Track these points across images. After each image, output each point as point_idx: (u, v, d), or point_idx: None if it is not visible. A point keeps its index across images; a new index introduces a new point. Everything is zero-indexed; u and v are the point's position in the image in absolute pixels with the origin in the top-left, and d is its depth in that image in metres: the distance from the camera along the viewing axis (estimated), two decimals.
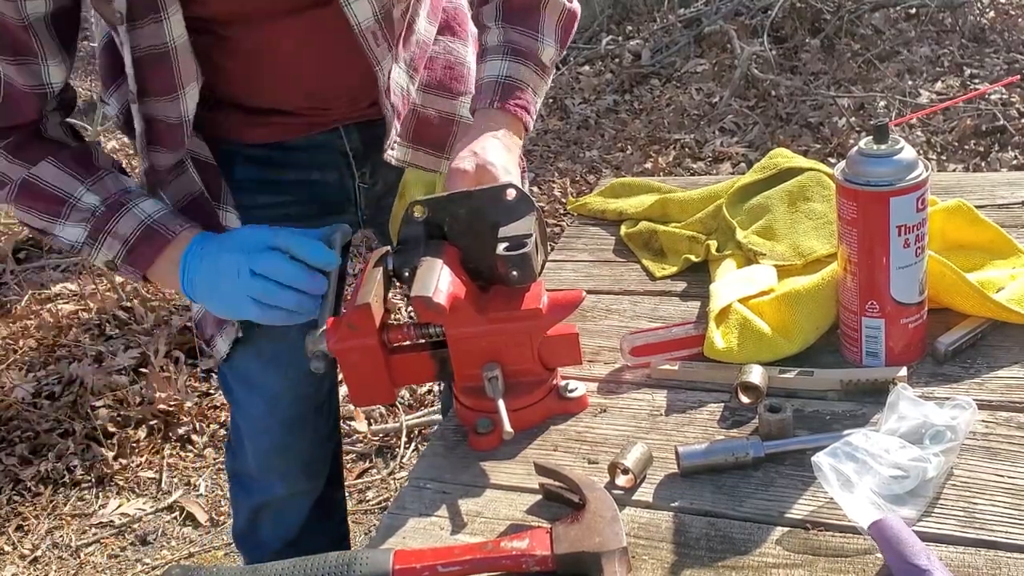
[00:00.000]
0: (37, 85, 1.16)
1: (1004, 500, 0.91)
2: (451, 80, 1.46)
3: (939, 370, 1.10)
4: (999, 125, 3.71)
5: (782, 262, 1.29)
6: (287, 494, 1.54)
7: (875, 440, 0.93)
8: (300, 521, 1.57)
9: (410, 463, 2.57)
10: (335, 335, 1.08)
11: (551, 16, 1.33)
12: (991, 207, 1.40)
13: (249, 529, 1.60)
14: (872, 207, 1.03)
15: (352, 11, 1.19)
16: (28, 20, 1.10)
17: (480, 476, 1.06)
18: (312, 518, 1.58)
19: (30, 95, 1.16)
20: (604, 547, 0.87)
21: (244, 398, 1.49)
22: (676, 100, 4.43)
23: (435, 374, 1.13)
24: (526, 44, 1.30)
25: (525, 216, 1.10)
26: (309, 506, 1.57)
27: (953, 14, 4.69)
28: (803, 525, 0.92)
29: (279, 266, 1.11)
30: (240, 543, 1.65)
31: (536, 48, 1.31)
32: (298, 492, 1.56)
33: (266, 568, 0.90)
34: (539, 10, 1.32)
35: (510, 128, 1.25)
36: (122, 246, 1.18)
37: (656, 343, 1.18)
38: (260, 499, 1.57)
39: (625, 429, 1.09)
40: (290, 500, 1.56)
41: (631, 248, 1.49)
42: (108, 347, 3.12)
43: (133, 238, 1.18)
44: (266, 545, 1.58)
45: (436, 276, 1.03)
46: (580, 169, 4.00)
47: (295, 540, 1.57)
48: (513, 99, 1.27)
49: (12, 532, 2.53)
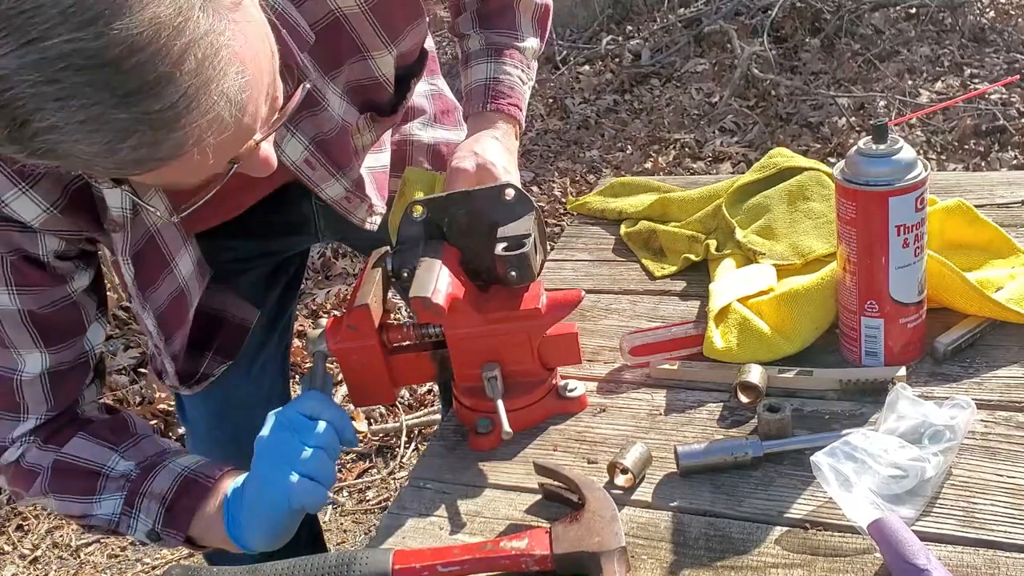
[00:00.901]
0: (82, 354, 1.11)
1: (1003, 500, 0.91)
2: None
3: (938, 370, 1.10)
4: (999, 125, 3.71)
5: (781, 261, 1.29)
6: None
7: (874, 440, 0.93)
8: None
9: (410, 463, 2.57)
10: (335, 336, 1.08)
11: (525, 13, 1.35)
12: (990, 207, 1.40)
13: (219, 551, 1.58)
14: (871, 207, 1.03)
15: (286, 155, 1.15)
16: (75, 296, 1.07)
17: (480, 476, 1.06)
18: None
19: (76, 367, 1.11)
20: (603, 547, 0.87)
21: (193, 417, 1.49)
22: (676, 100, 4.43)
23: (435, 374, 1.13)
24: (507, 43, 1.32)
25: (524, 216, 1.10)
26: None
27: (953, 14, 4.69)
28: (802, 525, 0.92)
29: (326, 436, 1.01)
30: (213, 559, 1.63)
31: (517, 45, 1.33)
32: None
33: (266, 568, 0.90)
34: (513, 9, 1.34)
35: (506, 127, 1.26)
36: (160, 506, 1.07)
37: (656, 343, 1.18)
38: None
39: (624, 429, 1.09)
40: None
41: (631, 247, 1.49)
42: (108, 347, 3.12)
43: (171, 494, 1.06)
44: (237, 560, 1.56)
45: (435, 276, 1.03)
46: (580, 169, 4.00)
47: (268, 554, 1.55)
48: (505, 99, 1.28)
49: (12, 532, 2.53)
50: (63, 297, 1.06)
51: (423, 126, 1.48)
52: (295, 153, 1.16)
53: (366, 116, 1.22)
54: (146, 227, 1.09)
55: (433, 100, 1.51)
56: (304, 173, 1.18)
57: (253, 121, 0.83)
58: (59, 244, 1.03)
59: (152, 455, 1.11)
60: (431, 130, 1.48)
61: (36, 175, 0.97)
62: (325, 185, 1.22)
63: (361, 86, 1.19)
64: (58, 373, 1.09)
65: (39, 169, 0.96)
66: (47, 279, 1.04)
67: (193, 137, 0.76)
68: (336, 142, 1.19)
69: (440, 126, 1.50)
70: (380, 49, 1.16)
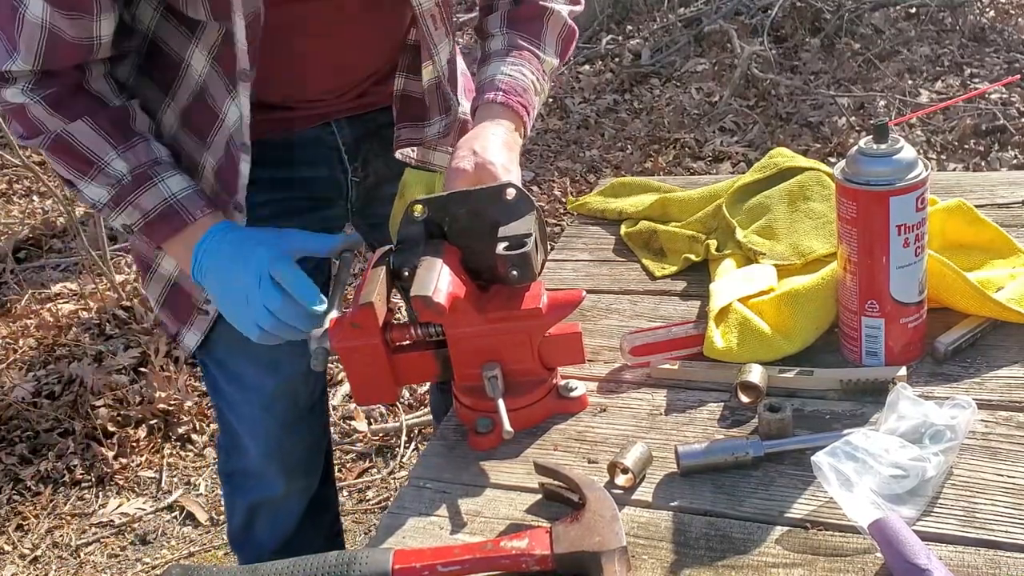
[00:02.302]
0: (86, 38, 1.15)
1: (1004, 499, 0.91)
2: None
3: (939, 369, 1.10)
4: (999, 125, 3.71)
5: (782, 261, 1.29)
6: (284, 492, 1.54)
7: (875, 440, 0.93)
8: (296, 519, 1.57)
9: (410, 463, 2.57)
10: (339, 334, 1.08)
11: (553, 28, 1.38)
12: (991, 206, 1.40)
13: (245, 530, 1.60)
14: (872, 207, 1.03)
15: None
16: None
17: (480, 476, 1.06)
18: (307, 515, 1.58)
19: (77, 47, 1.15)
20: (604, 547, 0.87)
21: (237, 399, 1.49)
22: (676, 99, 4.43)
23: (438, 373, 1.13)
24: (529, 49, 1.34)
25: (525, 215, 1.10)
26: (305, 503, 1.57)
27: (953, 14, 4.69)
28: (803, 524, 0.92)
29: (285, 308, 1.13)
30: (236, 545, 1.65)
31: (538, 54, 1.35)
32: (295, 490, 1.56)
33: (265, 568, 0.90)
34: (542, 21, 1.36)
35: (511, 125, 1.26)
36: (141, 217, 1.21)
37: (656, 343, 1.18)
38: (257, 498, 1.56)
39: (625, 429, 1.09)
40: (286, 498, 1.56)
41: (631, 248, 1.49)
42: (108, 346, 3.12)
43: (153, 214, 1.20)
44: (262, 545, 1.58)
45: (436, 275, 1.03)
46: (580, 168, 4.00)
47: (291, 538, 1.57)
48: (515, 95, 1.28)
49: (12, 532, 2.53)
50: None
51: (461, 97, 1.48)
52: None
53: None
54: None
55: (464, 77, 1.52)
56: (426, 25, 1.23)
57: None
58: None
59: (145, 162, 1.21)
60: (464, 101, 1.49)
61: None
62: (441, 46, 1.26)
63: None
64: (56, 36, 1.13)
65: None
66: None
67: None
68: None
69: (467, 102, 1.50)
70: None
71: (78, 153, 1.20)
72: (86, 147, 1.20)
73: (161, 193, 1.20)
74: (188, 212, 1.20)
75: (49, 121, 1.19)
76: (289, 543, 1.57)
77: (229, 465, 1.59)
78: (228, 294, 1.18)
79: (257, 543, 1.60)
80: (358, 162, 1.45)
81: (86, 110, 1.20)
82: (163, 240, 1.22)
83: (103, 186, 1.21)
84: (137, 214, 1.21)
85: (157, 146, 1.23)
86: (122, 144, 1.20)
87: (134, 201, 1.20)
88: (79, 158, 1.20)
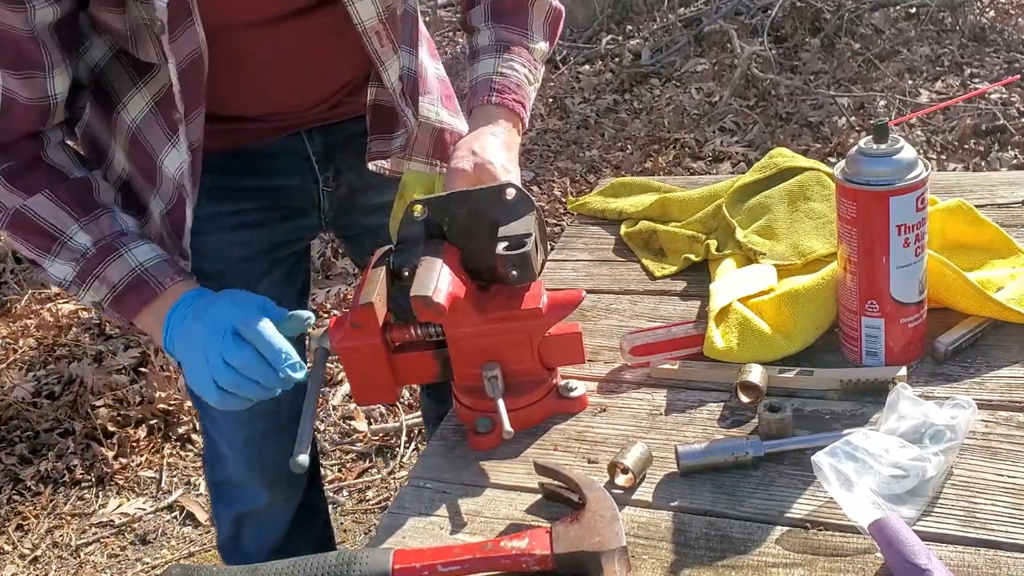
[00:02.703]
0: (41, 97, 1.12)
1: (1004, 500, 0.91)
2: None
3: (939, 370, 1.10)
4: (999, 125, 3.71)
5: (782, 261, 1.29)
6: (268, 502, 1.53)
7: (875, 440, 0.93)
8: (283, 527, 1.57)
9: (410, 463, 2.56)
10: (339, 334, 1.08)
11: (538, 14, 1.35)
12: (991, 206, 1.39)
13: (233, 540, 1.60)
14: (872, 207, 1.03)
15: (356, 10, 1.18)
16: (36, 30, 1.07)
17: (480, 476, 1.06)
18: (295, 523, 1.57)
19: (33, 107, 1.12)
20: (604, 547, 0.87)
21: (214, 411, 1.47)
22: (676, 99, 4.43)
23: (438, 373, 1.13)
24: (517, 40, 1.32)
25: (525, 215, 1.10)
26: (291, 513, 1.57)
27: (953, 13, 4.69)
28: (803, 524, 0.92)
29: (248, 362, 1.06)
30: (225, 554, 1.65)
31: (527, 44, 1.33)
32: (279, 499, 1.55)
33: (265, 568, 0.90)
34: (527, 9, 1.34)
35: (508, 124, 1.25)
36: (109, 291, 1.14)
37: (656, 343, 1.18)
38: (243, 508, 1.56)
39: (625, 429, 1.09)
40: (271, 508, 1.55)
41: (631, 248, 1.49)
42: (108, 346, 3.12)
43: (121, 286, 1.14)
44: (250, 554, 1.58)
45: (436, 275, 1.03)
46: (580, 168, 4.00)
47: (279, 548, 1.56)
48: (510, 94, 1.27)
49: (12, 531, 2.53)
50: (22, 29, 1.05)
51: (433, 106, 1.47)
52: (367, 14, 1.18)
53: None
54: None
55: (440, 83, 1.50)
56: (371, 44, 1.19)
57: None
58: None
59: (109, 234, 1.15)
60: (440, 111, 1.47)
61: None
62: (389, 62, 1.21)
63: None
64: (10, 101, 1.09)
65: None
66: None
67: None
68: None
69: (445, 110, 1.50)
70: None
71: (39, 228, 1.14)
72: (47, 221, 1.14)
73: (128, 263, 1.14)
74: (157, 281, 1.14)
75: (7, 198, 1.14)
76: (277, 552, 1.56)
77: (214, 475, 1.59)
78: (188, 354, 1.09)
79: (245, 552, 1.59)
80: (330, 172, 1.42)
81: (46, 183, 1.14)
82: (134, 314, 1.15)
83: (67, 262, 1.14)
84: (104, 288, 1.14)
85: (122, 217, 1.18)
86: (84, 217, 1.15)
87: (100, 275, 1.14)
88: (41, 233, 1.14)
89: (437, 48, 1.61)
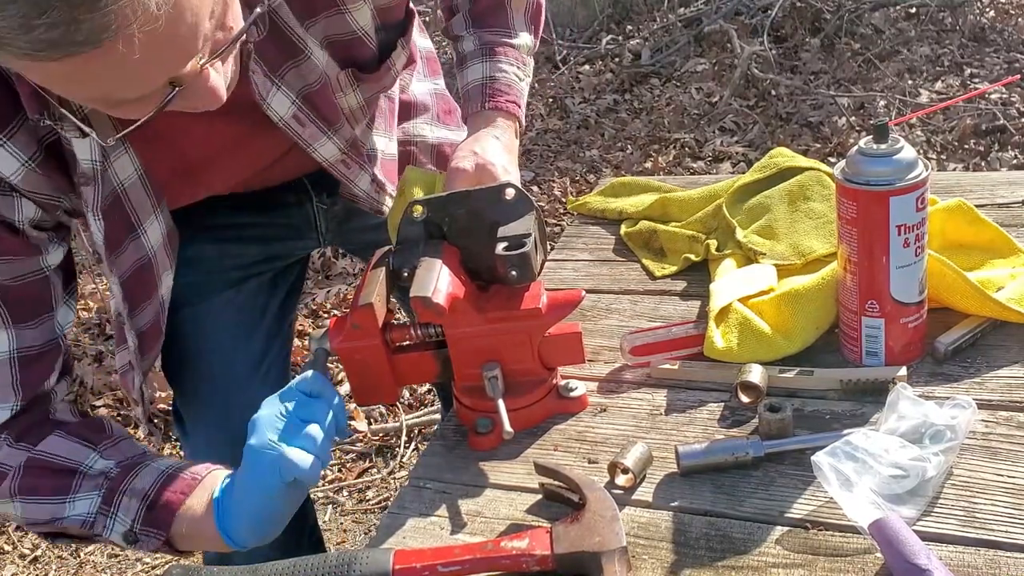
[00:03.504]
0: (51, 339, 1.09)
1: (1004, 500, 0.91)
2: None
3: (939, 369, 1.10)
4: (999, 125, 3.71)
5: (782, 261, 1.29)
6: None
7: (875, 440, 0.93)
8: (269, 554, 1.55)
9: (410, 463, 2.56)
10: (339, 334, 1.08)
11: (518, 11, 1.35)
12: (991, 206, 1.39)
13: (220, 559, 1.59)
14: (872, 207, 1.03)
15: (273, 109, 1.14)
16: (47, 272, 1.07)
17: (480, 476, 1.06)
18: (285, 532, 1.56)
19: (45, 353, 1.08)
20: (604, 547, 0.87)
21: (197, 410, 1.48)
22: (676, 99, 4.43)
23: (438, 373, 1.13)
24: (501, 41, 1.32)
25: (524, 216, 1.10)
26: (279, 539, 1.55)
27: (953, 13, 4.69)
28: (803, 524, 0.92)
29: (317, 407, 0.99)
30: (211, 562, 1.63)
31: (512, 43, 1.33)
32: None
33: (266, 568, 0.90)
34: (505, 7, 1.34)
35: (506, 125, 1.26)
36: (141, 503, 1.02)
37: (656, 343, 1.18)
38: None
39: (625, 429, 1.09)
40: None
41: (631, 247, 1.49)
42: (108, 347, 3.12)
43: (153, 491, 1.02)
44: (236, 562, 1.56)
45: (435, 276, 1.03)
46: (580, 168, 4.00)
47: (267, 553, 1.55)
48: (503, 96, 1.28)
49: (12, 532, 2.53)
50: (36, 270, 1.06)
51: (428, 124, 1.48)
52: (282, 108, 1.14)
53: (348, 72, 1.21)
54: (113, 186, 1.08)
55: (437, 99, 1.51)
56: (294, 130, 1.17)
57: (191, 33, 0.80)
58: (35, 212, 1.03)
59: (132, 456, 1.07)
60: (436, 129, 1.48)
61: (11, 128, 0.97)
62: (318, 144, 1.20)
63: (341, 42, 1.18)
64: (27, 358, 1.07)
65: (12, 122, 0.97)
66: (22, 248, 1.03)
67: (115, 23, 0.73)
68: (322, 94, 1.18)
69: (443, 126, 1.50)
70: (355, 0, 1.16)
71: (56, 467, 1.04)
72: (63, 457, 1.04)
73: (157, 469, 1.04)
74: (192, 474, 1.04)
75: (12, 456, 1.05)
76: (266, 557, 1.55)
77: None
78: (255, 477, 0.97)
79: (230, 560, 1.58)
80: (325, 193, 1.42)
81: (56, 428, 1.07)
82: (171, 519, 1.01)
83: (89, 492, 1.03)
84: (136, 503, 1.02)
85: (142, 444, 1.11)
86: (102, 445, 1.07)
87: (127, 488, 1.03)
88: (57, 472, 1.03)
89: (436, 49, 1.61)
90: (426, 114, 1.48)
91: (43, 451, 1.05)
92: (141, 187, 1.11)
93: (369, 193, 1.32)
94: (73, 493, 1.04)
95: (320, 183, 1.41)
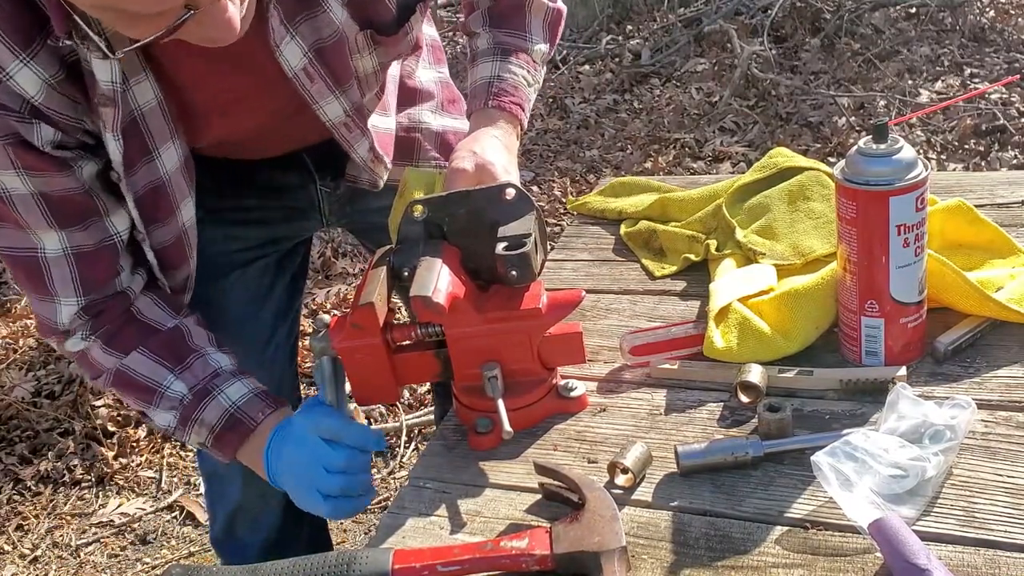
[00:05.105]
0: (105, 239, 1.15)
1: (1004, 499, 0.91)
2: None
3: (938, 369, 1.10)
4: (999, 124, 3.71)
5: (782, 261, 1.29)
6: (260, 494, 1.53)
7: (874, 439, 0.93)
8: (276, 523, 1.57)
9: (410, 463, 2.56)
10: (339, 334, 1.08)
11: (537, 16, 1.35)
12: (991, 206, 1.40)
13: (227, 533, 1.60)
14: (872, 206, 1.03)
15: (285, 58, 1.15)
16: (86, 184, 1.11)
17: (480, 476, 1.06)
18: (287, 520, 1.57)
19: (101, 251, 1.15)
20: (603, 546, 0.87)
21: None
22: (676, 99, 4.42)
23: (439, 373, 1.13)
24: (515, 44, 1.32)
25: (524, 215, 1.10)
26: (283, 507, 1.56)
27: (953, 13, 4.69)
28: (802, 524, 0.92)
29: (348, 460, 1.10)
30: (219, 548, 1.64)
31: (526, 47, 1.33)
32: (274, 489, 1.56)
33: (266, 568, 0.90)
34: (525, 11, 1.34)
35: (507, 126, 1.26)
36: (209, 433, 1.18)
37: (656, 342, 1.18)
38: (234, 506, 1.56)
39: (625, 429, 1.09)
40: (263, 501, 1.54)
41: (631, 247, 1.49)
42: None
43: (219, 427, 1.18)
44: (246, 548, 1.58)
45: (435, 276, 1.03)
46: (580, 168, 4.00)
47: (275, 542, 1.57)
48: (508, 96, 1.28)
49: (12, 531, 2.53)
50: (75, 187, 1.09)
51: (432, 112, 1.48)
52: (294, 58, 1.14)
53: (366, 34, 1.20)
54: (131, 109, 1.10)
55: (441, 87, 1.51)
56: (302, 83, 1.17)
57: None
58: (55, 135, 1.05)
59: (203, 378, 1.19)
60: (440, 117, 1.49)
61: (34, 47, 1.00)
62: (324, 102, 1.20)
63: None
64: (81, 255, 1.13)
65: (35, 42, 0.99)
66: (49, 165, 1.06)
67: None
68: (335, 51, 1.18)
69: (447, 114, 1.50)
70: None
71: (139, 384, 1.19)
72: (144, 376, 1.19)
73: (221, 404, 1.18)
74: (250, 418, 1.18)
75: (106, 360, 1.19)
76: (272, 546, 1.56)
77: (207, 466, 1.59)
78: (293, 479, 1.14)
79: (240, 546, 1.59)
80: (328, 174, 1.43)
81: (138, 340, 1.19)
82: (234, 453, 1.20)
83: (168, 410, 1.19)
84: (204, 431, 1.18)
85: (215, 358, 1.21)
86: (178, 366, 1.19)
87: (198, 418, 1.18)
88: (141, 388, 1.19)
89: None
90: (431, 101, 1.48)
91: (129, 365, 1.19)
92: (160, 114, 1.13)
93: (366, 162, 1.32)
94: (155, 405, 1.19)
95: (322, 163, 1.41)
